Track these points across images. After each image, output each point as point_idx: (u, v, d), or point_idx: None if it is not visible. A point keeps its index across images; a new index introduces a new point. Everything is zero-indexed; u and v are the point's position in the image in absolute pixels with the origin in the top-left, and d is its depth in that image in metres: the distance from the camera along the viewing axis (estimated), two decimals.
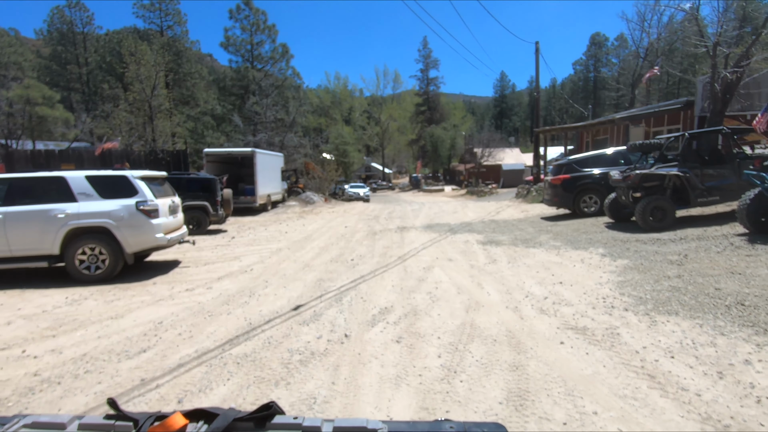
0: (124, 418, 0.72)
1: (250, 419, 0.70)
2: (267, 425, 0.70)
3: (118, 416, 0.73)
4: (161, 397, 2.84)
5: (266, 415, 0.71)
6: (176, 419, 0.68)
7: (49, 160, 21.67)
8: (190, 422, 0.70)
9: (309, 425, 0.69)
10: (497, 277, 5.64)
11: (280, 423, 0.71)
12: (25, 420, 0.73)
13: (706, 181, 7.71)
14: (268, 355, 3.45)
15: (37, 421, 0.72)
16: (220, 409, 0.72)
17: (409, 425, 0.75)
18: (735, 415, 2.33)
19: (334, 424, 0.71)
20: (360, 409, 2.64)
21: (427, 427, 0.73)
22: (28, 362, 3.47)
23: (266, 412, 0.72)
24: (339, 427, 0.70)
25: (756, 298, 3.88)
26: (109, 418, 0.73)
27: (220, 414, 0.71)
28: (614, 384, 2.75)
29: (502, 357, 3.23)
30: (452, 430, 0.71)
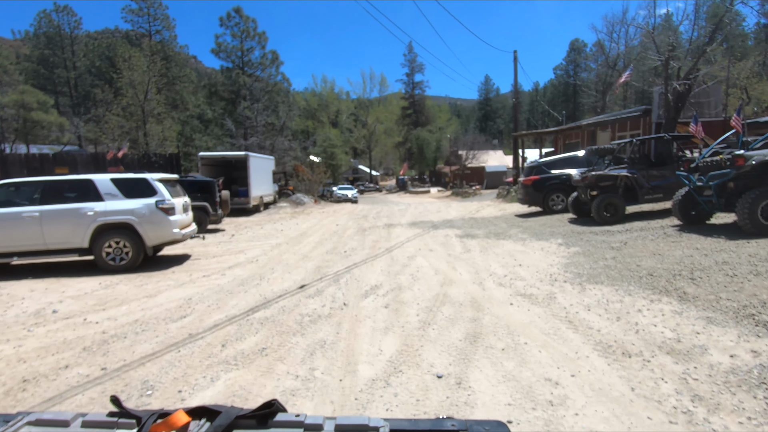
0: (127, 415, 0.71)
1: (253, 417, 0.70)
2: (269, 423, 0.70)
3: (121, 414, 0.72)
4: (208, 344, 3.78)
5: (268, 413, 0.71)
6: (179, 416, 0.69)
7: (43, 164, 22.15)
8: (193, 419, 0.70)
9: (311, 423, 0.69)
10: (469, 262, 6.68)
11: (283, 421, 0.71)
12: (28, 417, 0.71)
13: (651, 181, 8.92)
14: (284, 317, 4.41)
15: (40, 419, 0.71)
16: (222, 407, 0.72)
17: (410, 423, 0.74)
18: (618, 340, 3.38)
19: (336, 421, 0.71)
20: (359, 347, 3.62)
21: (429, 425, 0.72)
22: (92, 326, 4.36)
23: (268, 410, 0.72)
24: (341, 424, 0.70)
25: (663, 271, 4.99)
26: (112, 415, 0.72)
27: (223, 411, 0.71)
28: (543, 327, 3.79)
29: (465, 314, 4.25)
30: (454, 428, 0.71)
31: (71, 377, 3.21)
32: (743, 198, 6.12)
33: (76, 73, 37.43)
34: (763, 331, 3.25)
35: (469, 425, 0.71)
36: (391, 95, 69.13)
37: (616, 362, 3.03)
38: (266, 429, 0.70)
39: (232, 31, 30.98)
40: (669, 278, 4.72)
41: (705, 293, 4.15)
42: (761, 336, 3.18)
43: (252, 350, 3.59)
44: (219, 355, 3.51)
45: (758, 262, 4.83)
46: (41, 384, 3.12)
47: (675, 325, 3.57)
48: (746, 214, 6.05)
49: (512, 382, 2.85)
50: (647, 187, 8.89)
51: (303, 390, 2.90)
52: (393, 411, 2.60)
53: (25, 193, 6.91)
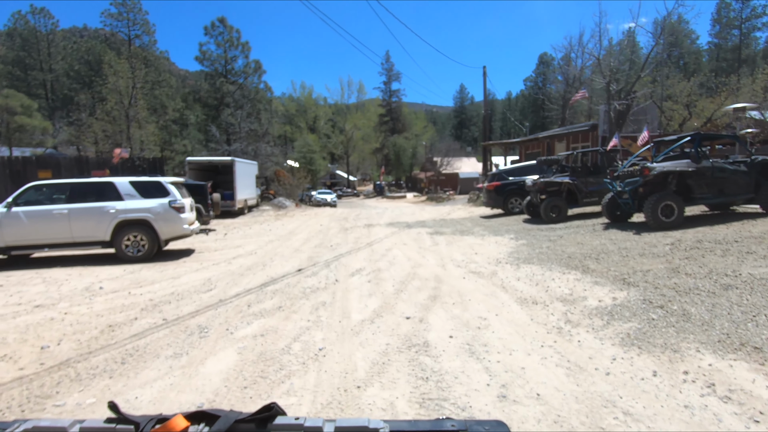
0: (125, 421, 0.71)
1: (252, 420, 0.70)
2: (268, 426, 0.70)
3: (119, 419, 0.71)
4: (236, 305, 5.03)
5: (267, 416, 0.71)
6: (177, 422, 0.68)
7: (26, 167, 22.47)
8: (192, 424, 0.70)
9: (310, 425, 0.69)
10: (436, 252, 8.12)
11: (282, 424, 0.70)
12: (25, 425, 0.70)
13: (589, 187, 10.64)
14: (290, 289, 5.70)
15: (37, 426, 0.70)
16: (221, 411, 0.72)
17: (410, 424, 0.74)
18: (532, 296, 4.85)
19: (335, 424, 0.70)
20: (350, 305, 4.95)
21: (429, 426, 0.72)
22: (139, 296, 5.54)
23: (267, 413, 0.71)
24: (341, 427, 0.70)
25: (579, 255, 6.55)
26: (110, 421, 0.72)
27: (221, 416, 0.70)
28: (484, 291, 5.23)
29: (429, 285, 5.66)
30: (453, 428, 0.70)
31: (142, 324, 4.43)
32: (648, 200, 7.80)
33: (52, 75, 37.27)
34: (626, 287, 4.80)
35: (469, 425, 0.71)
36: (369, 102, 70.74)
37: (527, 307, 4.49)
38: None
39: (216, 40, 31.91)
40: (581, 259, 6.28)
41: (601, 268, 5.71)
42: (623, 290, 4.72)
43: (271, 308, 4.88)
44: (248, 311, 4.79)
45: (648, 247, 6.46)
46: (123, 328, 4.32)
47: (572, 286, 5.08)
48: (650, 212, 7.73)
49: (456, 320, 4.26)
50: (585, 192, 10.60)
51: (314, 327, 4.22)
52: (376, 335, 3.95)
53: (54, 193, 7.93)
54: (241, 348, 3.71)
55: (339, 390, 2.92)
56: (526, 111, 75.73)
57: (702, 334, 3.44)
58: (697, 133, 8.12)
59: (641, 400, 2.59)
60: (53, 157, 24.26)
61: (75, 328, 4.33)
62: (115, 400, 2.57)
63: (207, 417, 0.71)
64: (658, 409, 2.49)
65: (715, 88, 30.98)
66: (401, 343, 3.68)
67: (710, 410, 2.46)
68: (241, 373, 3.23)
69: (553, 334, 3.73)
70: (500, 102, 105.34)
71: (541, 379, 2.92)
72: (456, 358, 3.35)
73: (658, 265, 5.48)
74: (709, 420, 2.38)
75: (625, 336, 3.56)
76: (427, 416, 2.59)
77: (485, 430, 0.71)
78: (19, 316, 4.77)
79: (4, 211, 7.48)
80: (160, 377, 3.20)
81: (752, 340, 3.23)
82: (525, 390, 2.80)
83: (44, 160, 23.19)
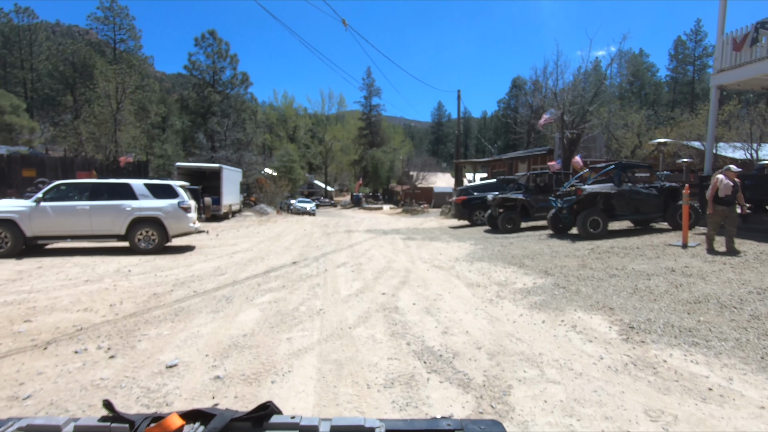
0: (120, 419, 0.70)
1: (248, 419, 0.70)
2: (264, 425, 0.70)
3: (114, 418, 0.71)
4: (249, 284, 6.37)
5: (263, 415, 0.71)
6: (173, 420, 0.68)
7: (11, 165, 22.85)
8: (187, 423, 0.70)
9: (306, 424, 0.69)
10: (407, 253, 9.65)
11: (278, 423, 0.70)
12: (19, 423, 0.70)
13: (539, 203, 12.46)
14: (289, 275, 7.08)
15: (31, 424, 0.70)
16: (216, 410, 0.72)
17: (406, 423, 0.74)
18: (477, 282, 6.42)
19: (331, 423, 0.71)
20: (339, 286, 6.38)
21: (425, 425, 0.73)
22: (165, 277, 6.79)
23: (263, 411, 0.71)
24: (336, 426, 0.70)
25: (521, 256, 8.22)
26: (104, 420, 0.71)
27: (217, 414, 0.70)
28: (442, 278, 6.77)
29: (400, 274, 7.15)
30: (449, 427, 0.71)
31: (178, 294, 5.72)
32: (580, 216, 9.60)
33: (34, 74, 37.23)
34: (545, 276, 6.44)
35: (465, 424, 0.71)
36: (349, 114, 72.48)
37: (472, 288, 6.05)
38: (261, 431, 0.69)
39: (206, 51, 32.99)
40: (520, 258, 7.94)
41: (533, 264, 7.37)
42: (543, 278, 6.36)
43: (277, 287, 6.26)
44: (259, 288, 6.15)
45: (573, 251, 8.20)
46: (165, 296, 5.61)
47: (508, 276, 6.70)
48: (581, 225, 9.52)
49: (419, 295, 5.76)
50: (536, 207, 12.42)
51: (313, 298, 5.63)
52: (360, 303, 5.40)
53: (77, 192, 9.03)
54: (261, 308, 5.08)
55: (336, 329, 4.36)
56: (499, 131, 79.35)
57: (582, 302, 5.08)
58: (619, 162, 10.04)
59: (529, 333, 4.16)
60: (38, 157, 24.56)
61: (128, 295, 5.60)
62: (169, 347, 3.94)
63: (203, 416, 0.71)
64: (537, 337, 4.06)
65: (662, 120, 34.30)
66: (378, 307, 5.15)
67: (567, 337, 4.05)
68: (266, 320, 4.62)
69: (485, 303, 5.29)
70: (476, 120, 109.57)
71: (471, 325, 4.45)
72: (416, 315, 4.85)
73: (574, 262, 7.19)
74: (566, 340, 3.95)
75: (533, 304, 5.15)
76: (394, 341, 4.06)
77: (481, 429, 0.71)
78: (77, 287, 5.97)
79: (33, 205, 8.53)
80: (208, 322, 4.55)
81: (610, 304, 4.88)
82: (459, 329, 4.32)
83: (29, 159, 23.51)
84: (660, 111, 42.21)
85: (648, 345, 3.78)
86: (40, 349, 3.73)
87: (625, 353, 3.63)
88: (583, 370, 3.33)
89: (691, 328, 4.10)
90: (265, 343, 3.93)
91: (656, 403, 2.81)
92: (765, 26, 9.18)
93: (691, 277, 5.73)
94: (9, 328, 4.25)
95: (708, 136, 10.72)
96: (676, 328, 4.11)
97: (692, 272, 5.96)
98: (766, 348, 3.59)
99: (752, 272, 5.75)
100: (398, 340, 4.07)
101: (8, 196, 15.70)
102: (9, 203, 8.77)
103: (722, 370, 3.26)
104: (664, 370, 3.30)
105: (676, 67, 73.98)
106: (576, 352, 3.69)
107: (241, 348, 3.81)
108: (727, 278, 5.56)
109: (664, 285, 5.48)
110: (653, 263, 6.68)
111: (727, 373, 3.21)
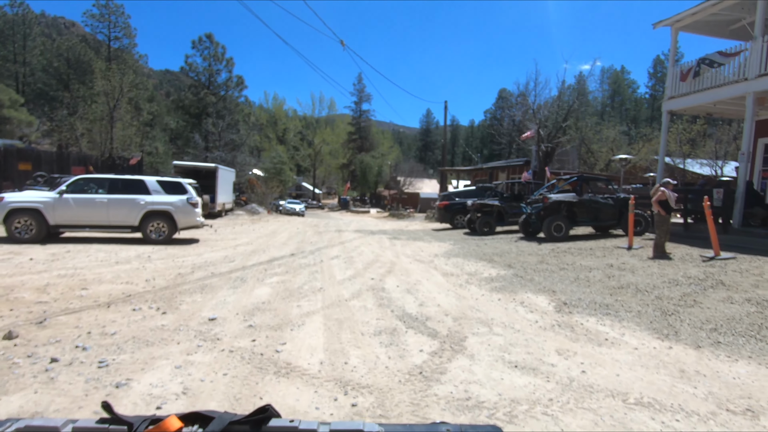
0: (119, 421, 0.70)
1: (246, 422, 0.70)
2: (263, 428, 0.70)
3: (112, 420, 0.71)
4: (257, 270, 7.42)
5: (262, 418, 0.71)
6: (171, 422, 0.68)
7: (7, 158, 23.29)
8: (185, 426, 0.70)
9: (305, 428, 0.69)
10: (393, 249, 10.80)
11: (276, 426, 0.71)
12: (17, 424, 0.70)
13: (513, 209, 13.77)
14: (291, 264, 8.16)
15: (29, 425, 0.70)
16: (215, 413, 0.72)
17: (405, 428, 0.74)
18: (452, 272, 7.61)
19: (330, 427, 0.71)
20: (334, 272, 7.49)
21: (424, 429, 0.73)
22: (183, 262, 7.79)
23: (262, 415, 0.71)
24: (335, 430, 0.70)
25: (491, 254, 9.45)
26: (102, 422, 0.71)
27: (216, 417, 0.71)
28: (422, 269, 7.94)
29: (386, 265, 8.30)
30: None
31: (199, 275, 6.75)
32: (545, 221, 10.90)
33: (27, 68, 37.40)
34: (509, 268, 7.66)
35: (464, 429, 0.71)
36: (339, 117, 73.45)
37: (446, 277, 7.23)
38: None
39: (203, 54, 33.81)
40: (491, 255, 9.18)
41: (500, 260, 8.60)
42: (506, 270, 7.58)
43: (281, 272, 7.33)
44: (266, 273, 7.22)
45: (536, 250, 9.47)
46: (188, 276, 6.63)
47: (478, 268, 7.90)
48: (546, 229, 10.82)
49: (402, 280, 6.91)
50: (510, 213, 13.73)
51: (314, 280, 6.73)
52: (353, 284, 6.51)
53: (96, 186, 9.94)
54: (271, 286, 6.17)
55: (335, 301, 5.48)
56: (486, 140, 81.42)
57: (533, 287, 6.30)
58: (581, 175, 11.41)
59: (486, 306, 5.35)
60: (34, 151, 25.00)
61: (158, 273, 6.62)
62: (206, 308, 5.06)
63: (201, 418, 0.71)
64: (492, 309, 5.25)
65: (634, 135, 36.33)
66: (368, 288, 6.28)
67: (515, 309, 5.25)
68: (278, 294, 5.71)
69: (456, 287, 6.47)
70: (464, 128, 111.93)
71: (442, 301, 5.62)
72: (399, 293, 6.00)
73: (534, 259, 8.45)
74: (513, 311, 5.15)
75: (494, 288, 6.36)
76: (381, 309, 5.19)
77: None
78: (111, 266, 6.96)
79: (57, 196, 9.42)
80: (230, 295, 5.62)
81: (554, 288, 6.11)
82: (432, 303, 5.48)
83: (25, 153, 23.94)
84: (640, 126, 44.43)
85: (573, 314, 5.00)
86: (105, 307, 4.76)
87: (555, 319, 4.84)
88: (521, 328, 4.52)
89: (608, 304, 5.34)
90: (280, 308, 5.03)
91: (565, 346, 4.01)
92: (705, 62, 10.68)
93: (624, 271, 7.02)
94: (73, 293, 5.26)
95: (660, 154, 12.18)
96: (598, 304, 5.36)
97: (626, 267, 7.26)
98: (656, 317, 4.85)
99: (672, 268, 7.06)
100: (384, 308, 5.21)
101: (4, 189, 16.33)
102: (34, 194, 9.65)
103: (619, 330, 4.49)
104: (579, 328, 4.51)
105: (655, 85, 77.18)
106: (519, 318, 4.89)
107: (262, 310, 4.90)
108: (651, 272, 6.86)
109: (600, 276, 6.76)
110: (598, 260, 7.98)
111: (622, 331, 4.44)
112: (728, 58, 10.28)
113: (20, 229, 9.14)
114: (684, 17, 11.26)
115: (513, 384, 3.19)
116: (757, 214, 10.03)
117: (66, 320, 4.25)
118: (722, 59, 10.39)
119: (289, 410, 2.73)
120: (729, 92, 10.12)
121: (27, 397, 2.72)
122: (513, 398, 2.97)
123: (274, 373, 3.26)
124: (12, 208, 9.09)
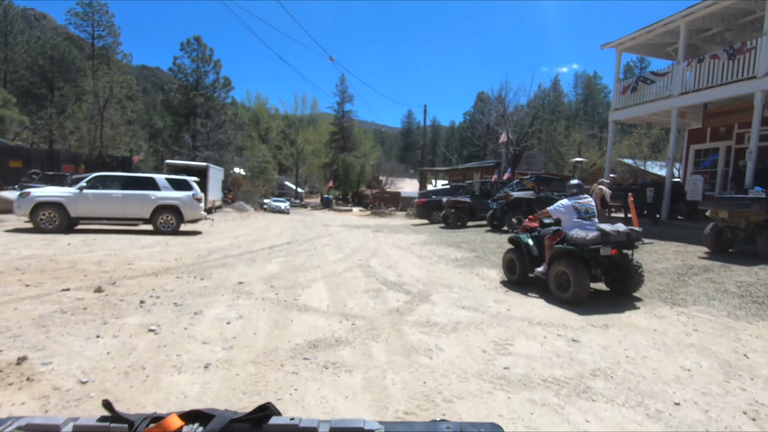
0: (119, 419, 0.71)
1: (247, 420, 0.71)
2: (263, 426, 0.70)
3: (113, 418, 0.71)
4: (262, 254, 8.83)
5: (263, 416, 0.71)
6: (172, 421, 0.68)
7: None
8: (186, 424, 0.70)
9: (305, 426, 0.70)
10: (376, 239, 12.33)
11: (277, 424, 0.71)
12: (18, 422, 0.71)
13: (483, 206, 15.47)
14: (290, 249, 9.58)
15: (30, 423, 0.70)
16: (216, 411, 0.72)
17: (405, 425, 0.75)
18: (425, 255, 9.18)
19: (330, 424, 0.71)
20: (327, 255, 8.96)
21: (424, 428, 0.74)
22: (198, 247, 9.11)
23: (262, 413, 0.72)
24: (336, 427, 0.70)
25: (460, 242, 11.09)
26: (103, 420, 0.72)
27: (216, 415, 0.71)
28: (401, 253, 9.49)
29: (370, 251, 9.81)
30: (449, 430, 0.72)
31: (216, 256, 8.12)
32: (507, 215, 12.61)
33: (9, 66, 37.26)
34: (471, 252, 9.29)
35: (464, 427, 0.71)
36: (321, 117, 74.47)
37: (420, 258, 8.80)
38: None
39: (191, 56, 34.57)
40: (459, 243, 10.81)
41: (466, 246, 10.23)
42: (469, 253, 9.21)
43: (284, 255, 8.76)
44: (271, 255, 8.63)
45: (499, 239, 11.15)
46: (208, 257, 7.99)
47: (446, 252, 9.50)
48: (508, 222, 12.52)
49: (383, 261, 8.43)
50: (480, 209, 15.44)
51: (311, 260, 8.18)
52: (344, 263, 8.00)
53: (112, 182, 11.12)
54: (278, 264, 7.60)
55: (331, 273, 6.96)
56: (465, 140, 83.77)
57: (489, 264, 7.93)
58: (538, 176, 13.17)
59: (450, 276, 6.93)
60: (25, 149, 25.47)
61: (182, 254, 7.97)
62: (232, 277, 6.53)
63: (202, 416, 0.72)
64: (453, 277, 6.84)
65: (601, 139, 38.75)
66: (357, 265, 7.78)
67: (471, 278, 6.85)
68: (285, 269, 7.16)
69: (427, 265, 8.04)
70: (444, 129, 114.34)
71: (416, 273, 7.17)
72: (382, 269, 7.52)
73: (494, 245, 10.12)
74: (470, 279, 6.74)
75: (457, 265, 7.95)
76: (368, 278, 6.71)
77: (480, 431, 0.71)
78: (140, 249, 8.26)
79: (77, 192, 10.58)
80: (248, 269, 7.04)
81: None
82: (408, 275, 7.02)
83: (16, 151, 24.46)
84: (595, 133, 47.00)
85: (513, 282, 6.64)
86: (153, 276, 6.13)
87: (498, 284, 6.45)
88: (473, 289, 6.12)
89: None
90: (290, 277, 6.50)
91: (501, 297, 5.62)
92: (641, 79, 12.58)
93: None
94: (123, 266, 6.60)
95: (606, 158, 14.06)
96: None
97: None
98: None
99: None
100: (370, 278, 6.73)
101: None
102: (57, 190, 10.78)
103: (540, 290, 6.13)
104: (514, 290, 6.14)
105: None
106: (473, 284, 6.49)
107: (277, 278, 6.36)
108: None
109: None
110: None
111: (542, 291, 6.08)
112: (659, 78, 12.20)
113: (45, 220, 10.27)
114: (625, 41, 13.16)
115: (459, 316, 4.77)
116: (681, 209, 11.98)
117: (130, 283, 5.62)
118: (654, 78, 12.30)
119: (311, 327, 4.22)
120: (659, 106, 12.03)
121: (139, 318, 4.13)
122: (458, 321, 4.54)
123: (297, 309, 4.75)
124: (38, 201, 10.22)
